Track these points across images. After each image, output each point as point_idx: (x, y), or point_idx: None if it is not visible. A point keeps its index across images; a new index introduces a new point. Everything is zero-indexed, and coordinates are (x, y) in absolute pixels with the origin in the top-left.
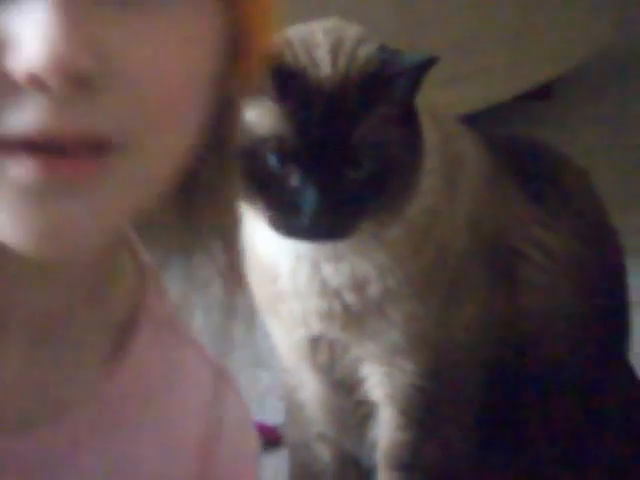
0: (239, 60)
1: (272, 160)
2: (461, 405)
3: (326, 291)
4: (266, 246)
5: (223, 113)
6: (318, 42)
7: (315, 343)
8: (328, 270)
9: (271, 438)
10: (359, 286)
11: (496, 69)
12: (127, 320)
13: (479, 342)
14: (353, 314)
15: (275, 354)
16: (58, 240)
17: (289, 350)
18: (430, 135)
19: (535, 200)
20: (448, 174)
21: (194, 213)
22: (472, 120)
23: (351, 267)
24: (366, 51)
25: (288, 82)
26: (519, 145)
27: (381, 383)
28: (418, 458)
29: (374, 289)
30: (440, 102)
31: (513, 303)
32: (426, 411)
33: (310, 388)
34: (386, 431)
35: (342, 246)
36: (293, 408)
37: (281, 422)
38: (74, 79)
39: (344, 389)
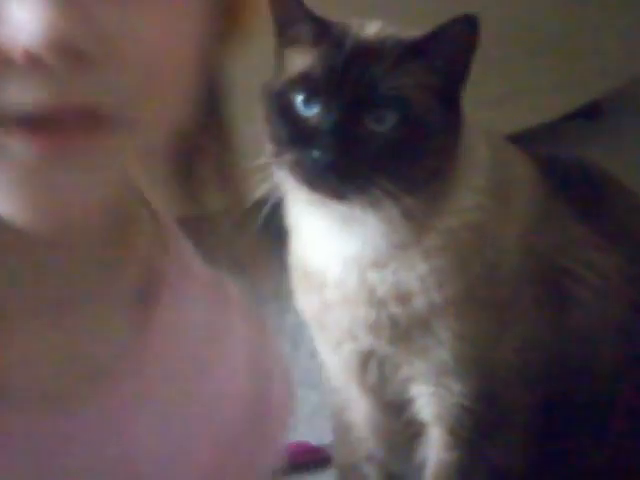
0: (230, 18)
1: (298, 100)
2: (512, 427)
3: (373, 300)
4: (314, 253)
5: (215, 77)
6: None
7: (365, 361)
8: (374, 278)
9: (317, 459)
10: (404, 297)
11: (545, 87)
12: (151, 282)
13: (529, 363)
14: (400, 327)
15: (323, 373)
16: (58, 213)
17: (338, 369)
18: (480, 151)
19: (586, 221)
20: (498, 194)
21: (195, 180)
22: (521, 140)
23: (395, 276)
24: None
25: (330, 28)
26: (570, 166)
27: (430, 403)
28: (474, 467)
29: (419, 302)
30: (489, 122)
31: (564, 323)
32: (475, 432)
33: (359, 408)
34: (434, 451)
35: (385, 252)
36: (341, 428)
37: (328, 442)
38: (71, 55)
39: (393, 409)
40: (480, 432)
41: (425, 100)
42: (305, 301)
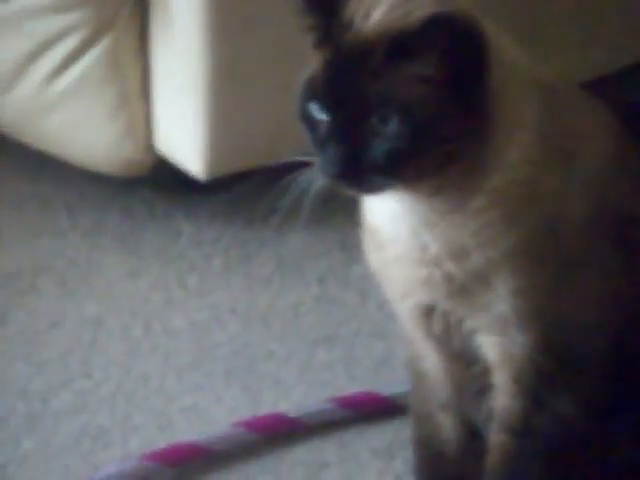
0: None
1: (310, 105)
2: (579, 380)
3: (426, 258)
4: (373, 212)
5: None
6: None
7: (428, 313)
8: (426, 237)
9: (386, 408)
10: (458, 255)
11: (617, 35)
12: None
13: (606, 318)
14: (456, 284)
15: (396, 324)
16: None
17: (405, 319)
18: (526, 108)
19: None
20: (555, 147)
21: None
22: (597, 87)
23: (448, 235)
24: (420, 12)
25: (335, 30)
26: None
27: (495, 352)
28: (529, 426)
29: (475, 258)
30: (562, 68)
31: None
32: (539, 382)
33: (430, 358)
34: (500, 397)
35: (432, 213)
36: (415, 378)
37: (395, 392)
38: None
39: (462, 359)
40: (544, 382)
41: (426, 94)
42: (371, 256)
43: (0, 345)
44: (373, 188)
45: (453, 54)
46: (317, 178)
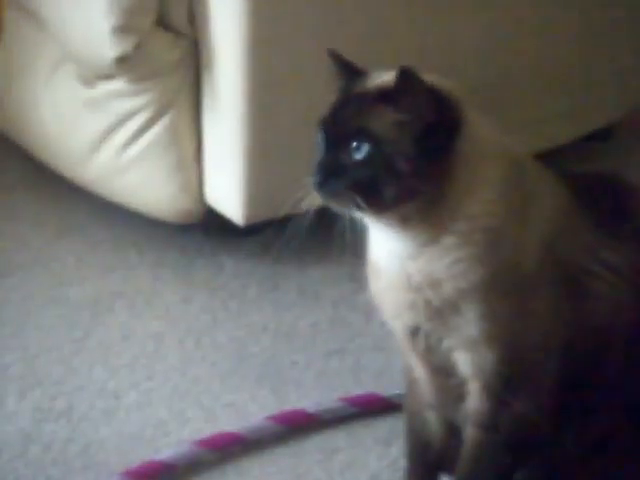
0: None
1: (318, 135)
2: (533, 387)
3: (411, 286)
4: (373, 249)
5: None
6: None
7: (414, 333)
8: (411, 268)
9: (385, 406)
10: (435, 284)
11: (560, 114)
12: None
13: (552, 342)
14: (433, 309)
15: (393, 340)
16: None
17: (399, 337)
18: (488, 171)
19: (605, 227)
20: (515, 205)
21: None
22: (548, 158)
23: (427, 267)
24: (410, 75)
25: (346, 75)
26: (593, 180)
27: (468, 366)
28: (495, 423)
29: (448, 289)
30: (521, 141)
31: (583, 310)
32: (503, 388)
33: (418, 369)
34: (472, 400)
35: (416, 247)
36: (409, 384)
37: (393, 394)
38: None
39: (442, 371)
40: (507, 388)
41: (396, 134)
42: (371, 285)
43: (83, 354)
44: (346, 202)
45: (423, 109)
46: (313, 198)
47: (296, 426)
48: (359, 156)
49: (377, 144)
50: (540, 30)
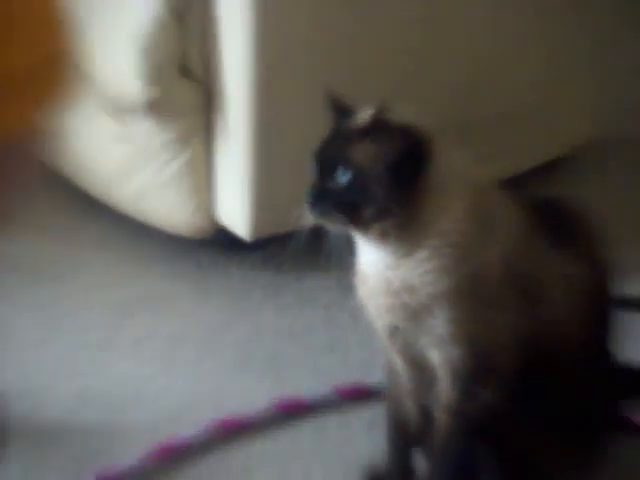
0: None
1: (311, 163)
2: (493, 378)
3: (389, 291)
4: (360, 260)
5: None
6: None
7: (393, 332)
8: (390, 275)
9: (370, 394)
10: (411, 290)
11: (519, 147)
12: None
13: (512, 342)
14: (409, 311)
15: (376, 338)
16: None
17: (381, 335)
18: (457, 198)
19: (554, 243)
20: (480, 225)
21: None
22: (511, 183)
23: (404, 275)
24: (391, 117)
25: (337, 112)
26: (548, 205)
27: (438, 361)
28: (461, 408)
29: (422, 294)
30: (485, 171)
31: (536, 314)
32: (467, 380)
33: (397, 362)
34: (442, 390)
35: (394, 258)
36: (390, 375)
37: (377, 384)
38: None
39: (417, 364)
40: (471, 379)
41: (372, 166)
42: (358, 290)
43: (113, 349)
44: (333, 221)
45: (398, 146)
46: (308, 218)
47: (293, 412)
48: (343, 182)
49: (357, 172)
50: (502, 78)
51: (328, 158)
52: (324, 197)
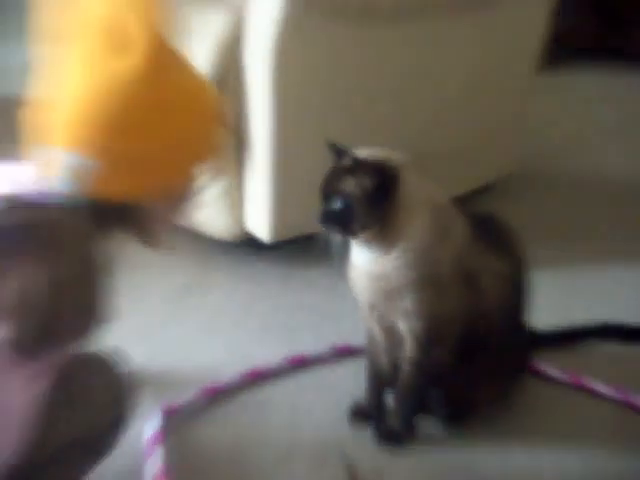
0: None
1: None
2: (445, 342)
3: (371, 277)
4: (352, 254)
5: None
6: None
7: (372, 308)
8: (372, 266)
9: (355, 352)
10: (386, 277)
11: (456, 176)
12: None
13: (457, 317)
14: (384, 293)
15: (360, 311)
16: None
17: (364, 309)
18: (419, 213)
19: (493, 247)
20: (437, 233)
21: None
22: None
23: (382, 266)
24: (370, 156)
25: (336, 154)
26: (487, 218)
27: (404, 329)
28: (420, 362)
29: (394, 281)
30: (440, 191)
31: (478, 302)
32: (425, 343)
33: (375, 329)
34: (407, 350)
35: (376, 256)
36: (370, 337)
37: (360, 344)
38: None
39: (389, 331)
40: (428, 343)
41: (356, 194)
42: (349, 275)
43: (171, 319)
44: (333, 230)
45: (373, 179)
46: (318, 227)
47: (301, 365)
48: (338, 206)
49: (346, 200)
50: (453, 123)
51: (327, 190)
52: (327, 217)
